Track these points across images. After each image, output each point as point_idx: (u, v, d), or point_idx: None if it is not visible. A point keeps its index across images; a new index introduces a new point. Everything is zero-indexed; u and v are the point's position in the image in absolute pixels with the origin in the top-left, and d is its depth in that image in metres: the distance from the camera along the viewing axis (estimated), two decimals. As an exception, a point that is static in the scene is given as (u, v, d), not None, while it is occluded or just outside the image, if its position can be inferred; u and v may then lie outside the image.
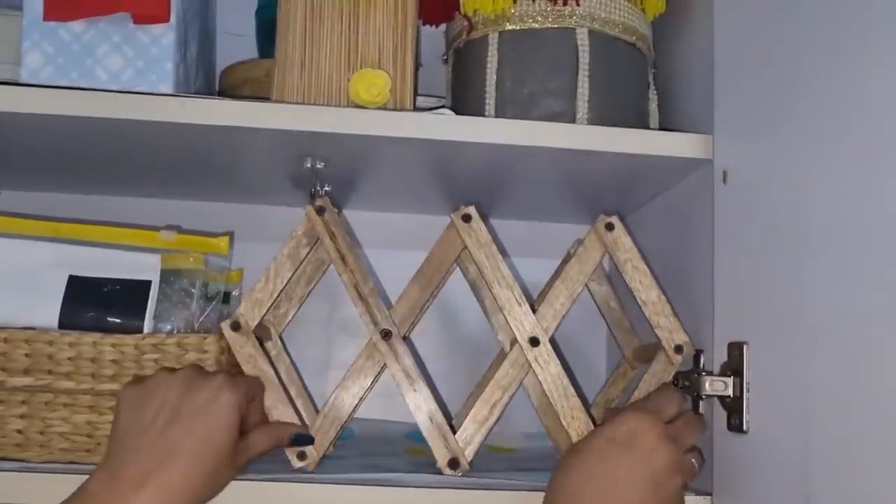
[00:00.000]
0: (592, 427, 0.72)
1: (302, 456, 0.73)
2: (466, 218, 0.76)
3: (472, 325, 1.02)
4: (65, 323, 0.73)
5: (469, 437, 0.74)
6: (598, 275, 0.94)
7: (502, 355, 0.88)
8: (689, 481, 0.66)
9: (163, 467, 0.61)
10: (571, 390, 0.74)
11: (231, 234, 0.86)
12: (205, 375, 0.67)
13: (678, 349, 0.76)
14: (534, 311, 0.76)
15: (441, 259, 0.78)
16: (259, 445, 0.69)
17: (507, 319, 0.75)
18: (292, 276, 0.76)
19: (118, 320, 0.74)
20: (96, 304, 0.74)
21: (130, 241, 0.80)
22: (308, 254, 0.77)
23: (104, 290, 0.75)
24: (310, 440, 0.73)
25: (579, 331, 1.00)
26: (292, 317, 0.80)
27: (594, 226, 0.78)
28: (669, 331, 0.76)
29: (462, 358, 1.02)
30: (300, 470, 0.73)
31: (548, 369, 0.74)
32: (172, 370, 0.67)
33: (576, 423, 0.73)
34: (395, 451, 0.87)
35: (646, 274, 0.77)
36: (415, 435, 0.91)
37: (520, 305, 0.75)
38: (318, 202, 0.76)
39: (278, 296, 0.75)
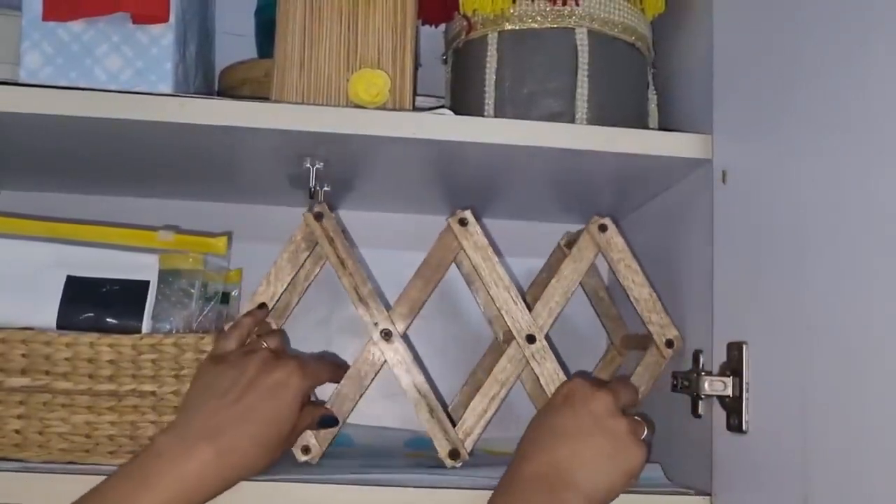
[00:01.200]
0: None
1: (306, 450, 0.74)
2: (463, 222, 0.78)
3: (471, 319, 1.02)
4: (63, 323, 0.73)
5: (469, 428, 0.76)
6: (589, 268, 0.95)
7: (496, 345, 0.92)
8: (640, 434, 0.68)
9: (234, 428, 0.65)
10: None
11: (229, 234, 0.86)
12: (280, 358, 0.69)
13: (669, 343, 0.79)
14: (529, 307, 0.77)
15: (438, 261, 0.80)
16: (302, 426, 0.72)
17: (504, 318, 0.77)
18: (292, 279, 0.78)
19: (116, 321, 0.74)
20: (94, 304, 0.74)
21: (128, 242, 0.79)
22: (307, 258, 0.79)
23: (102, 291, 0.74)
24: (335, 422, 0.75)
25: (586, 320, 1.01)
26: (293, 308, 0.81)
27: (587, 227, 0.80)
28: (661, 326, 0.79)
29: (461, 352, 1.02)
30: (304, 464, 0.74)
31: (544, 364, 0.76)
32: (248, 351, 0.70)
33: None
34: (395, 457, 0.87)
35: (637, 272, 0.80)
36: (414, 443, 0.91)
37: (516, 304, 0.77)
38: (317, 208, 0.77)
39: (279, 298, 0.77)
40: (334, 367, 0.77)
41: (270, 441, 0.67)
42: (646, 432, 0.68)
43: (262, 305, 0.77)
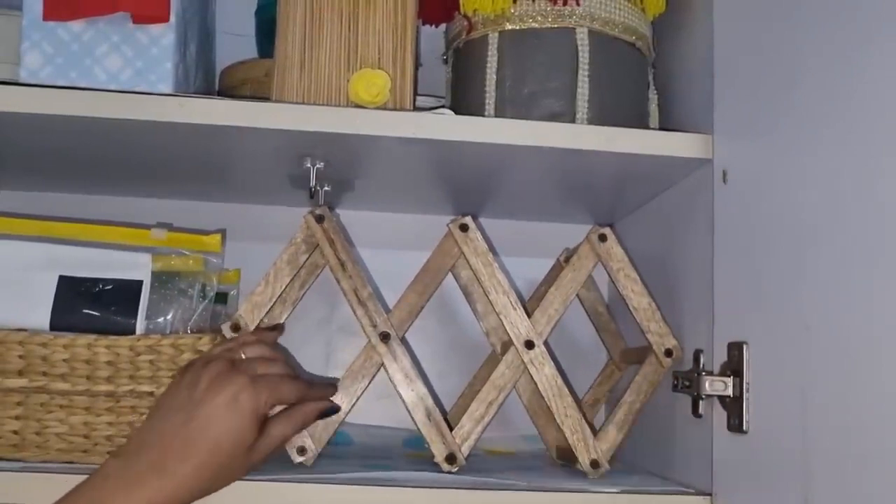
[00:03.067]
0: (584, 423, 0.75)
1: (302, 451, 0.74)
2: (464, 227, 0.78)
3: (470, 326, 1.02)
4: (56, 324, 0.73)
5: (466, 433, 0.75)
6: (588, 282, 0.96)
7: (493, 357, 0.92)
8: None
9: (179, 460, 0.64)
10: (565, 390, 0.76)
11: (223, 232, 0.85)
12: (230, 375, 0.67)
13: (668, 353, 0.79)
14: (527, 314, 0.77)
15: (438, 266, 0.81)
16: (279, 435, 0.70)
17: (503, 323, 0.77)
18: (291, 280, 0.77)
19: (110, 320, 0.73)
20: (88, 304, 0.73)
21: (121, 240, 0.79)
22: (307, 260, 0.78)
23: (95, 291, 0.74)
24: (336, 409, 0.74)
25: (585, 336, 1.01)
26: (285, 319, 0.81)
27: (587, 237, 0.80)
28: (660, 335, 0.79)
29: (460, 357, 1.02)
30: (300, 465, 0.73)
31: (542, 370, 0.76)
32: (209, 361, 0.68)
33: (569, 421, 0.75)
34: (393, 456, 0.87)
35: (637, 282, 0.80)
36: (413, 441, 0.91)
37: (515, 310, 0.77)
38: (318, 210, 0.77)
39: (276, 300, 0.77)
40: (305, 386, 0.73)
41: (221, 467, 0.65)
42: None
43: (276, 327, 0.76)
